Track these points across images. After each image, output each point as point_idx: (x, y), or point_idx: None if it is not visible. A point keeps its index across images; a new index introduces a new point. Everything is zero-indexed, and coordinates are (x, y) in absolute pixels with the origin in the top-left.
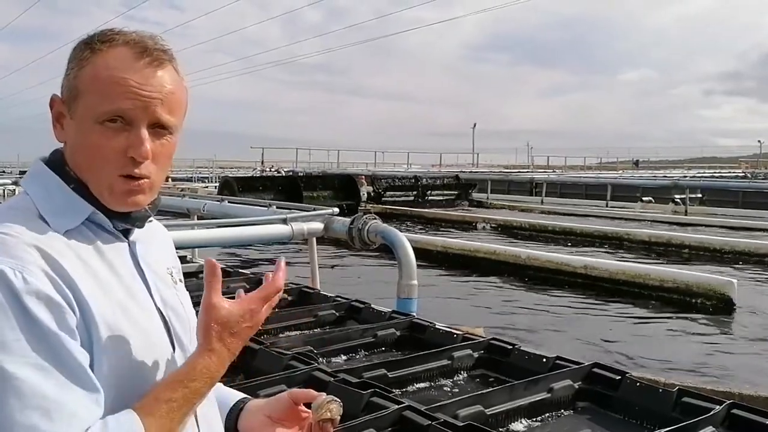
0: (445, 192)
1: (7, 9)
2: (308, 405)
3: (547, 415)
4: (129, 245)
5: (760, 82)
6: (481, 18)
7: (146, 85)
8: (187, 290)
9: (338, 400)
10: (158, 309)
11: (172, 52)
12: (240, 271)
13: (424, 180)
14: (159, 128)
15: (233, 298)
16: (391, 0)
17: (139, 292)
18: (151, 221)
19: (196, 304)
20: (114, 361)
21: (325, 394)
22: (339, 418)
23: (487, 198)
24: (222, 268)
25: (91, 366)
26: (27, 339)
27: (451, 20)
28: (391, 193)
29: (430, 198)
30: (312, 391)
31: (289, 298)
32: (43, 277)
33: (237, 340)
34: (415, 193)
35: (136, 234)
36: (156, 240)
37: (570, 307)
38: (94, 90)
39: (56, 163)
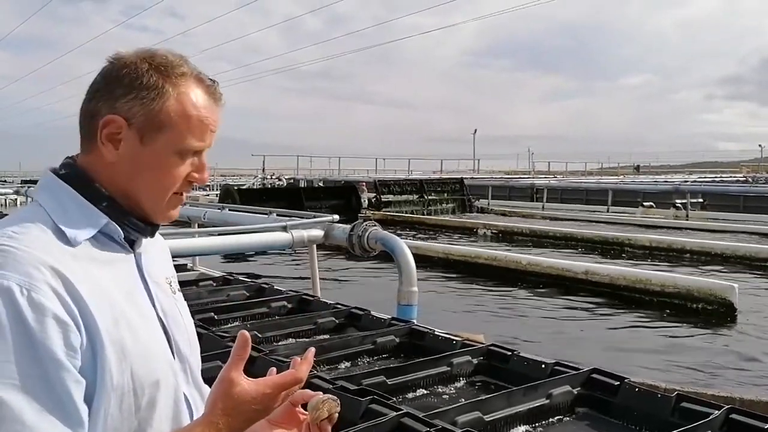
0: (447, 198)
1: (7, 19)
2: (306, 406)
3: (546, 421)
4: (135, 257)
5: (761, 86)
6: (482, 24)
7: (216, 123)
8: (186, 299)
9: (335, 398)
10: (160, 319)
11: None
12: (240, 278)
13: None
14: None
15: (233, 304)
16: (392, 7)
17: (143, 303)
18: None
19: (194, 312)
20: (117, 376)
21: (321, 393)
22: (337, 415)
23: (488, 204)
24: (223, 276)
25: (93, 383)
26: (19, 362)
27: (452, 26)
28: (393, 198)
29: (431, 206)
30: (309, 392)
31: (289, 306)
32: (51, 295)
33: (242, 420)
34: (417, 197)
35: (142, 246)
36: (156, 250)
37: (571, 312)
38: (185, 127)
39: (78, 178)
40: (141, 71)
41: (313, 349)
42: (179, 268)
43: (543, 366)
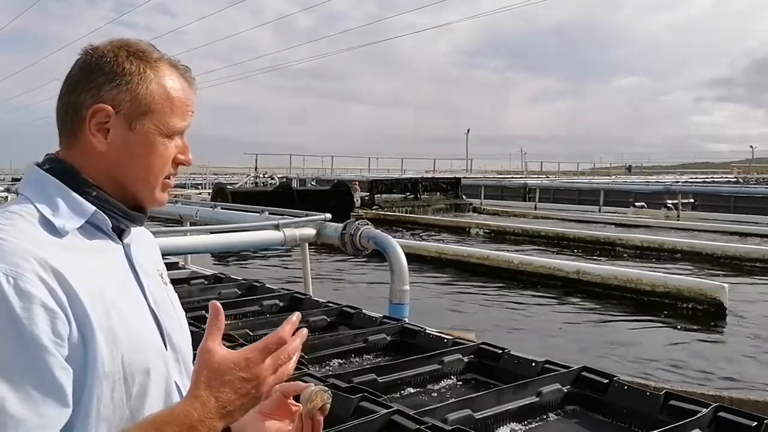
0: (439, 195)
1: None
2: (297, 398)
3: (536, 418)
4: (123, 247)
5: (751, 88)
6: (475, 24)
7: (193, 105)
8: (179, 297)
9: (327, 389)
10: (151, 309)
11: None
12: (232, 277)
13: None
14: None
15: (224, 302)
16: (385, 5)
17: (134, 293)
18: None
19: (186, 310)
20: (108, 364)
21: (313, 384)
22: (329, 406)
23: (481, 204)
24: (214, 274)
25: (84, 372)
26: (4, 350)
27: (444, 26)
28: (386, 196)
29: (425, 204)
30: (300, 383)
31: (281, 304)
32: (39, 283)
33: (229, 390)
34: (411, 196)
35: (130, 236)
36: (144, 243)
37: (561, 311)
38: (170, 110)
39: (63, 171)
40: (121, 59)
41: (298, 313)
42: (171, 266)
43: (533, 364)
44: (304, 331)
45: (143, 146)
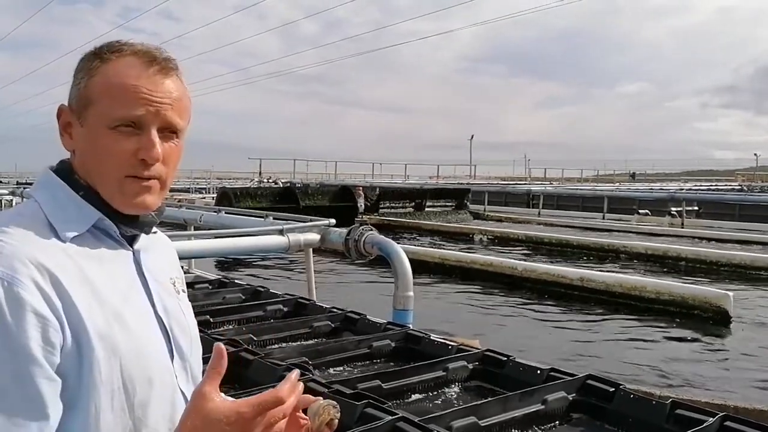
0: (443, 202)
1: (5, 19)
2: (305, 410)
3: (542, 426)
4: (133, 253)
5: (756, 95)
6: (479, 30)
7: (156, 92)
8: None
9: (335, 404)
10: (159, 317)
11: (177, 62)
12: (236, 281)
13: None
14: (168, 132)
15: (228, 307)
16: (389, 12)
17: (139, 300)
18: (155, 232)
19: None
20: (106, 373)
21: (321, 398)
22: (337, 421)
23: (485, 210)
24: (218, 279)
25: (79, 380)
26: None
27: (449, 32)
28: (389, 203)
29: (428, 209)
30: (309, 397)
31: (285, 309)
32: (33, 289)
33: None
34: (413, 204)
35: (141, 242)
36: (159, 249)
37: (565, 318)
38: (107, 97)
39: (64, 172)
40: (85, 59)
41: (297, 371)
42: None
43: (538, 372)
44: (300, 386)
45: (89, 140)
